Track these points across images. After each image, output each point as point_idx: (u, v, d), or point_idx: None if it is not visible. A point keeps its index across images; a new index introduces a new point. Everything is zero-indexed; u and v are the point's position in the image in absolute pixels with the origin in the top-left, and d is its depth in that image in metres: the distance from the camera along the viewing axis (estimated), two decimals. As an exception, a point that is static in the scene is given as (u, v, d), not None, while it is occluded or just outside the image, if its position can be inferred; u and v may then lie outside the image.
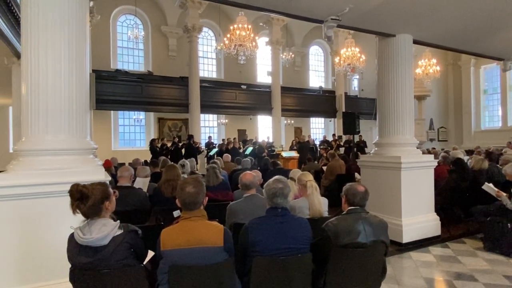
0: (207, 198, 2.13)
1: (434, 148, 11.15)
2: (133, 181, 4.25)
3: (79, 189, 1.83)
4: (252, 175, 3.25)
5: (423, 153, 6.33)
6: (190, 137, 11.65)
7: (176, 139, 12.14)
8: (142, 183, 4.39)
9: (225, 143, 12.63)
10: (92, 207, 1.85)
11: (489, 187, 4.56)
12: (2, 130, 14.51)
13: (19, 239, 2.44)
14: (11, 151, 13.25)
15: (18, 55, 8.08)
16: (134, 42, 14.20)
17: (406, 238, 4.58)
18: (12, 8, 6.02)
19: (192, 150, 11.14)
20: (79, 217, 1.87)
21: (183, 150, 11.37)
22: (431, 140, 18.02)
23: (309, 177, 3.29)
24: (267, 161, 7.21)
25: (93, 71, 11.23)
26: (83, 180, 2.19)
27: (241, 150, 12.51)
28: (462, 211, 5.22)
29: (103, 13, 13.63)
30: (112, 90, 12.27)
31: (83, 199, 1.83)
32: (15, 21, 6.42)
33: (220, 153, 10.99)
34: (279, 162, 6.05)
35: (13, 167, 2.58)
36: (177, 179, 3.87)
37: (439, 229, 4.89)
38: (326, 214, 3.21)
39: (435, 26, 4.67)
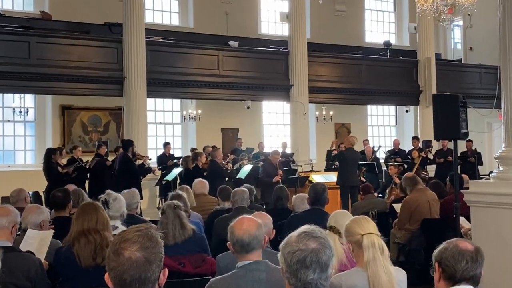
0: (166, 270, 2.15)
1: None
2: (18, 235, 4.29)
3: None
4: (255, 224, 3.28)
5: None
6: (127, 144, 11.61)
7: (104, 148, 12.13)
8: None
9: (197, 155, 12.56)
10: None
11: None
12: None
13: None
14: None
15: None
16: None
17: None
18: None
19: (131, 171, 11.14)
20: None
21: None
22: None
23: (368, 226, 3.31)
24: (283, 192, 7.22)
25: None
26: None
27: (229, 169, 12.51)
28: None
29: None
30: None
31: None
32: None
33: (187, 177, 10.99)
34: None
35: None
36: (104, 229, 3.94)
37: None
38: (403, 301, 3.24)
39: None
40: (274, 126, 18.70)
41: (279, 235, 4.40)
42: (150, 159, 12.91)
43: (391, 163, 12.99)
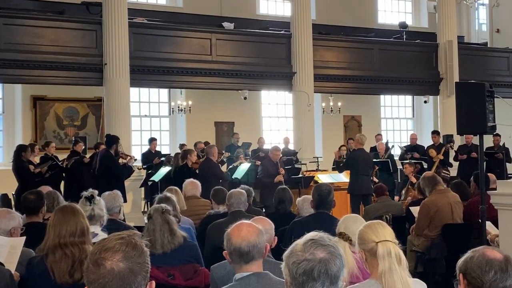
0: (153, 283, 2.14)
1: None
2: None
3: None
4: (255, 231, 3.30)
5: None
6: (111, 141, 11.65)
7: (81, 145, 12.11)
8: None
9: (187, 154, 12.59)
10: None
11: None
12: None
13: None
14: None
15: None
16: None
17: None
18: None
19: (112, 170, 11.16)
20: None
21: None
22: None
23: (383, 233, 3.31)
24: (286, 194, 7.25)
25: None
26: None
27: (223, 168, 12.53)
28: None
29: None
30: None
31: None
32: None
33: (176, 177, 10.99)
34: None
35: None
36: (84, 241, 3.95)
37: None
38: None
39: None
40: (275, 119, 18.79)
41: (281, 242, 4.40)
42: (135, 159, 12.93)
43: (407, 161, 12.95)
